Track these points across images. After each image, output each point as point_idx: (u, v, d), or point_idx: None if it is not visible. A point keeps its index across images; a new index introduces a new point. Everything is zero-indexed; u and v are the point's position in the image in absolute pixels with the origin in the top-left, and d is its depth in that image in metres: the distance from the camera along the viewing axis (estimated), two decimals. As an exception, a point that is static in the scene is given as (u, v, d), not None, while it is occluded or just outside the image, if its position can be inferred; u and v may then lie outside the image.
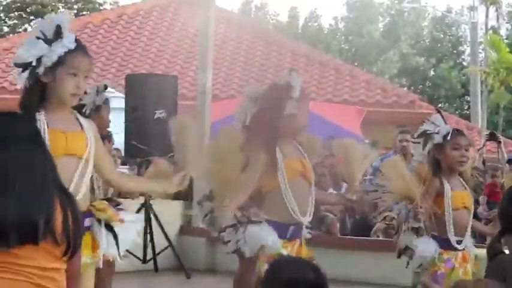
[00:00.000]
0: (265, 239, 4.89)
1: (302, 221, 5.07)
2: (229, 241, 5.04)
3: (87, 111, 6.37)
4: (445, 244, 5.54)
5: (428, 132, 5.77)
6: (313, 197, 5.20)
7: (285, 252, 4.92)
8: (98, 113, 6.39)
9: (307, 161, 5.19)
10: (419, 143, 5.90)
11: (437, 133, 5.71)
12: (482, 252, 5.47)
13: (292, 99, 5.15)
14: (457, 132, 5.77)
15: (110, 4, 35.45)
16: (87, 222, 4.18)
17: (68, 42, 4.11)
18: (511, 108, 29.67)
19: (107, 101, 6.49)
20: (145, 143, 8.14)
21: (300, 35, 38.26)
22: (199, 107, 8.91)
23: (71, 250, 2.80)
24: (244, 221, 4.90)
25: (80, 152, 4.11)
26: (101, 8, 33.94)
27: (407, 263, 5.66)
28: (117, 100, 10.09)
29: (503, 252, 3.78)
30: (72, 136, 4.10)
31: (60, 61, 4.07)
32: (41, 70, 4.05)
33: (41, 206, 2.71)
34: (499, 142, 11.44)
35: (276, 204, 5.02)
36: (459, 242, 5.56)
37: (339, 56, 35.75)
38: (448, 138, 5.64)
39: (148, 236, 8.07)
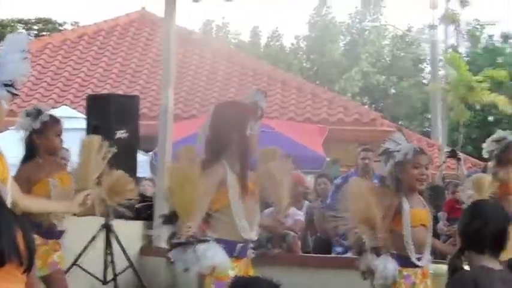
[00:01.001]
0: (215, 258, 4.84)
1: (251, 237, 5.04)
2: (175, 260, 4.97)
3: (25, 136, 6.33)
4: (404, 261, 5.58)
5: (390, 150, 5.81)
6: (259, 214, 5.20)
7: (232, 272, 4.87)
8: (41, 135, 6.33)
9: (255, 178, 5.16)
10: (380, 161, 5.96)
11: (398, 151, 5.76)
12: (440, 267, 5.51)
13: (256, 120, 5.14)
14: (418, 150, 5.82)
15: (71, 24, 35.34)
16: None
17: None
18: (471, 125, 29.96)
19: (53, 123, 6.42)
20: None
21: (262, 54, 38.36)
22: (161, 126, 8.89)
23: (30, 266, 2.78)
24: (193, 240, 4.83)
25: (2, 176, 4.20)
26: (61, 28, 33.81)
27: (372, 284, 5.69)
28: (78, 121, 10.04)
29: (463, 269, 3.80)
30: None
31: None
32: None
33: (3, 229, 2.68)
34: (459, 159, 11.55)
35: (225, 222, 4.94)
36: (419, 259, 5.61)
37: (301, 74, 35.87)
38: (409, 156, 5.69)
39: (109, 256, 8.02)
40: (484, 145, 7.60)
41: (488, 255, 3.79)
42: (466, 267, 3.86)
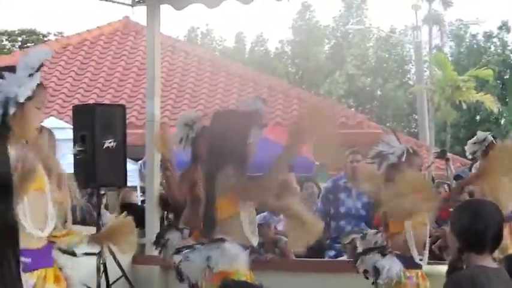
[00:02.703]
0: (240, 257, 4.78)
1: (254, 243, 5.04)
2: (181, 261, 4.92)
3: None
4: (407, 262, 5.61)
5: (383, 152, 5.83)
6: None
7: (244, 277, 4.83)
8: None
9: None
10: (374, 163, 5.97)
11: (392, 153, 5.78)
12: (435, 268, 5.53)
13: (261, 128, 5.13)
14: (412, 152, 5.84)
15: (54, 35, 35.28)
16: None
17: None
18: (458, 125, 30.05)
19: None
20: (94, 172, 8.08)
21: (247, 60, 38.40)
22: (148, 135, 8.87)
23: None
24: (203, 242, 4.81)
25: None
26: (45, 39, 33.74)
27: (375, 284, 5.69)
28: (64, 131, 10.01)
29: (462, 269, 3.79)
30: None
31: None
32: None
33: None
34: (447, 160, 11.58)
35: (235, 230, 4.88)
36: (420, 260, 5.65)
37: (286, 79, 35.92)
38: (403, 158, 5.71)
39: (102, 266, 7.99)
40: (466, 147, 7.69)
41: (487, 254, 3.81)
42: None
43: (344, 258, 8.48)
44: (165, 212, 9.67)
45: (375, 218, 7.03)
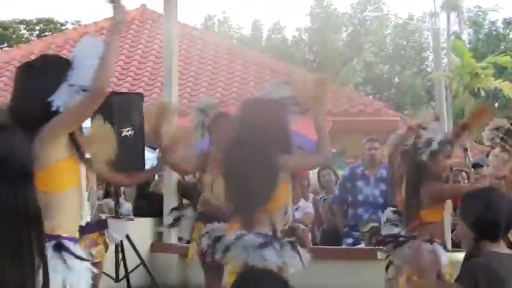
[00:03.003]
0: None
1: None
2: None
3: None
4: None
5: (432, 140, 5.87)
6: None
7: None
8: None
9: None
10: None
11: (434, 140, 5.82)
12: (456, 256, 5.54)
13: (299, 113, 5.08)
14: (448, 141, 5.91)
15: (72, 24, 35.38)
16: None
17: None
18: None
19: None
20: (113, 161, 8.11)
21: (264, 48, 38.36)
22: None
23: None
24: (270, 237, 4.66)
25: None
26: (63, 28, 33.83)
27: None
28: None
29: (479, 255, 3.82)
30: None
31: None
32: None
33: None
34: (466, 149, 11.53)
35: (280, 220, 4.83)
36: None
37: (304, 66, 35.88)
38: (445, 147, 5.77)
39: (120, 254, 8.03)
40: (484, 134, 7.68)
41: (500, 240, 3.87)
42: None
43: (362, 245, 8.48)
44: (183, 200, 9.71)
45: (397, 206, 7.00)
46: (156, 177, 11.29)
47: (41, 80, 4.05)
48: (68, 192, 4.05)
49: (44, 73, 4.07)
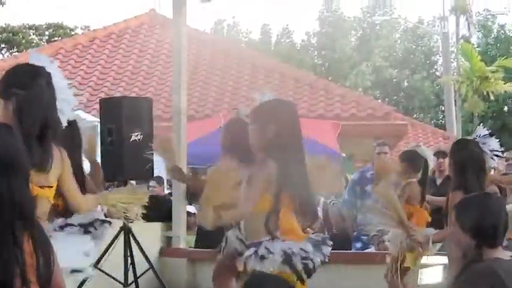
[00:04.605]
0: None
1: None
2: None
3: None
4: None
5: None
6: None
7: None
8: None
9: None
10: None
11: None
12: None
13: None
14: None
15: (81, 29, 35.46)
16: None
17: None
18: (485, 116, 29.85)
19: None
20: (122, 165, 8.11)
21: (273, 52, 38.36)
22: (175, 127, 8.89)
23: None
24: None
25: None
26: (72, 33, 33.90)
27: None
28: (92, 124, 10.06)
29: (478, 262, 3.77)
30: None
31: None
32: None
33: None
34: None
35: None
36: None
37: (313, 71, 35.87)
38: None
39: (129, 259, 8.03)
40: None
41: (499, 246, 3.82)
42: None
43: (371, 250, 8.46)
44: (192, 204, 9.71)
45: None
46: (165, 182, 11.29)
47: None
48: None
49: None
